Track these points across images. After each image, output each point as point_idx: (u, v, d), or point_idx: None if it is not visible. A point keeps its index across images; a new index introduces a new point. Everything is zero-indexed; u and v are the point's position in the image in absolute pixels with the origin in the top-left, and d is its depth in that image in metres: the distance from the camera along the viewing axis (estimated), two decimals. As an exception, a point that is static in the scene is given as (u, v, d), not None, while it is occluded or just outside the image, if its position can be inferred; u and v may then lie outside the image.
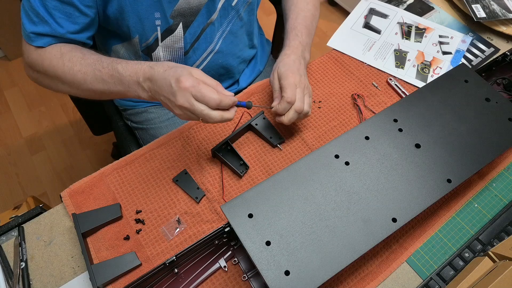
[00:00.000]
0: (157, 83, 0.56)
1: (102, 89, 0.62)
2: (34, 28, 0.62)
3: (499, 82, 0.82)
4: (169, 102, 0.56)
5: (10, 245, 0.60)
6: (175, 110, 0.56)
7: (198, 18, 0.72)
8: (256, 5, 0.83)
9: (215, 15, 0.74)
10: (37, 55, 0.64)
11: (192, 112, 0.55)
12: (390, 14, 0.93)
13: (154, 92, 0.58)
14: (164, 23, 0.69)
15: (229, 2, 0.74)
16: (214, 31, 0.77)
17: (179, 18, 0.70)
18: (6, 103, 1.72)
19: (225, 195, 0.65)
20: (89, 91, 0.64)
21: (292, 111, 0.64)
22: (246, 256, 0.59)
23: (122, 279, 0.57)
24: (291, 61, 0.69)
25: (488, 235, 0.62)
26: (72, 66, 0.62)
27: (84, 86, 0.62)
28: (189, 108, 0.54)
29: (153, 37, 0.71)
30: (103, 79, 0.61)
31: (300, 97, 0.64)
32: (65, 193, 0.64)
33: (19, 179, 1.52)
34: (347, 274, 0.59)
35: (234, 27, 0.79)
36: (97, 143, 1.62)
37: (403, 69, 0.83)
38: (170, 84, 0.54)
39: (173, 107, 0.56)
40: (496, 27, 0.89)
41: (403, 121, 0.62)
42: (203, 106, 0.54)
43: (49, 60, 0.63)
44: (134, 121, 0.90)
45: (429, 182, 0.56)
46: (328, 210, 0.53)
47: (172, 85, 0.54)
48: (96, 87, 0.62)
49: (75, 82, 0.62)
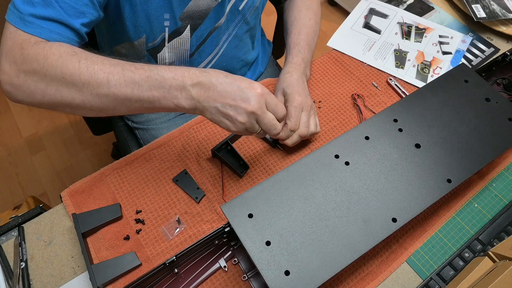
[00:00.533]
0: (216, 88, 0.51)
1: (129, 95, 0.51)
2: (33, 10, 0.49)
3: (499, 82, 0.82)
4: (233, 109, 0.51)
5: (10, 245, 0.60)
6: (240, 118, 0.52)
7: (206, 22, 0.71)
8: (261, 10, 0.83)
9: (223, 19, 0.74)
10: (38, 49, 0.49)
11: (259, 121, 0.53)
12: (390, 14, 0.93)
13: (206, 99, 0.51)
14: (173, 24, 0.68)
15: (236, 6, 0.74)
16: (220, 35, 0.77)
17: (187, 21, 0.69)
18: (6, 103, 1.72)
19: (225, 195, 0.65)
20: (108, 97, 0.51)
21: (296, 136, 0.65)
22: (246, 256, 0.59)
23: (122, 279, 0.57)
24: (294, 80, 0.69)
25: (488, 235, 0.62)
26: (90, 65, 0.50)
27: (103, 89, 0.50)
28: (260, 115, 0.52)
29: (160, 37, 0.70)
30: (135, 81, 0.50)
31: (305, 121, 0.65)
32: (65, 193, 0.64)
33: (19, 179, 1.52)
34: (347, 274, 0.59)
35: (239, 31, 0.80)
36: (97, 143, 1.62)
37: (403, 69, 0.83)
38: (241, 89, 0.51)
39: (238, 115, 0.51)
40: (496, 27, 0.89)
41: (403, 121, 0.62)
42: (271, 115, 0.53)
43: (57, 57, 0.49)
44: (135, 121, 0.90)
45: (429, 182, 0.56)
46: (328, 210, 0.53)
47: (245, 90, 0.51)
48: (122, 91, 0.50)
49: (93, 83, 0.50)
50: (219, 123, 0.54)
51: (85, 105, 0.51)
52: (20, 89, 0.50)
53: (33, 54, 0.49)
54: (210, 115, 0.53)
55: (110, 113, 0.54)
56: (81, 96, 0.50)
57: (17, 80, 0.50)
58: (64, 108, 0.52)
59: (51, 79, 0.50)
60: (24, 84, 0.50)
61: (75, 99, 0.51)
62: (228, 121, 0.53)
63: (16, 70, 0.49)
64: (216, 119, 0.53)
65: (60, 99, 0.51)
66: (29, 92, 0.50)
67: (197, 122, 0.74)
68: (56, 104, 0.52)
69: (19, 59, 0.49)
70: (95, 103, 0.51)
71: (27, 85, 0.50)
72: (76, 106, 0.51)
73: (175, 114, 0.87)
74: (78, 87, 0.50)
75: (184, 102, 0.52)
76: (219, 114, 0.52)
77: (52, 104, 0.52)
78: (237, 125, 0.53)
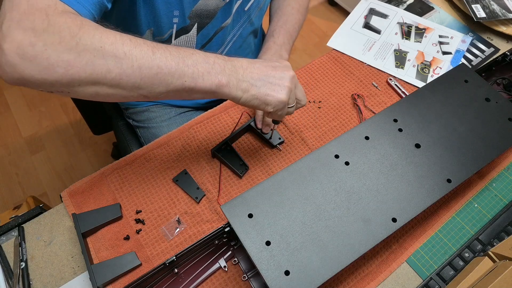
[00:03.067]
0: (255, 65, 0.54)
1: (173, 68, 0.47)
2: None
3: (499, 82, 0.82)
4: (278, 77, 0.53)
5: (10, 245, 0.60)
6: (287, 83, 0.53)
7: (213, 21, 0.72)
8: (264, 10, 0.84)
9: (229, 20, 0.74)
10: (68, 18, 0.42)
11: (297, 87, 0.57)
12: (390, 14, 0.93)
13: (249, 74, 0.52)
14: (181, 22, 0.68)
15: (243, 6, 0.75)
16: (226, 35, 0.77)
17: (195, 19, 0.69)
18: (6, 103, 1.72)
19: (223, 197, 0.65)
20: (150, 70, 0.46)
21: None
22: (246, 256, 0.59)
23: (122, 279, 0.57)
24: None
25: (488, 235, 0.62)
26: (133, 38, 0.46)
27: (147, 61, 0.45)
28: (297, 80, 0.56)
29: (168, 34, 0.70)
30: (180, 55, 0.48)
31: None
32: (65, 193, 0.64)
33: (19, 179, 1.52)
34: (347, 274, 0.59)
35: (244, 31, 0.80)
36: (97, 143, 1.62)
37: (403, 69, 0.83)
38: (273, 62, 0.55)
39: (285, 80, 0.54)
40: (496, 27, 0.89)
41: (403, 121, 0.62)
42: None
43: (94, 26, 0.44)
44: (135, 119, 0.90)
45: (429, 182, 0.56)
46: (328, 210, 0.53)
47: (276, 63, 0.55)
48: (167, 64, 0.46)
49: (136, 54, 0.45)
50: (265, 98, 0.52)
51: (120, 80, 0.44)
52: (34, 61, 0.40)
53: (63, 22, 0.42)
54: (255, 90, 0.51)
55: (143, 93, 0.47)
56: (119, 68, 0.44)
57: (32, 49, 0.40)
58: (87, 86, 0.44)
59: (84, 48, 0.42)
60: (41, 54, 0.40)
61: (111, 72, 0.44)
62: (275, 92, 0.52)
63: (33, 38, 0.40)
64: (263, 92, 0.52)
65: (90, 72, 0.43)
66: (47, 65, 0.41)
67: (197, 122, 0.74)
68: (80, 81, 0.43)
69: (41, 26, 0.40)
70: (133, 77, 0.45)
71: (46, 56, 0.41)
72: (109, 81, 0.44)
73: (176, 112, 0.87)
74: (118, 57, 0.44)
75: (227, 79, 0.50)
76: (266, 86, 0.52)
77: (73, 81, 0.43)
78: (285, 92, 0.53)
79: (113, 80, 0.44)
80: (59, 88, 0.44)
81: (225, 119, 0.75)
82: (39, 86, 0.43)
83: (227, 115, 0.75)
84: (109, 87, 0.45)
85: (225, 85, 0.50)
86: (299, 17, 0.83)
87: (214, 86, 0.49)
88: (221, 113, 0.76)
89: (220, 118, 0.75)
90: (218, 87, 0.50)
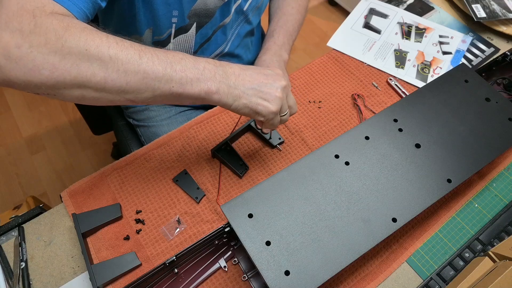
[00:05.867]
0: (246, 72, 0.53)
1: (160, 73, 0.46)
2: None
3: (499, 82, 0.82)
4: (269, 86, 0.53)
5: (10, 245, 0.60)
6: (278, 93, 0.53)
7: (212, 20, 0.72)
8: (263, 10, 0.84)
9: (228, 19, 0.74)
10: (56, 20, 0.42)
11: (288, 96, 0.56)
12: (390, 14, 0.93)
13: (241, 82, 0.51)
14: (180, 21, 0.68)
15: (241, 6, 0.75)
16: (224, 35, 0.77)
17: (194, 19, 0.69)
18: (6, 103, 1.72)
19: (223, 197, 0.65)
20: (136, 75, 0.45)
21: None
22: (246, 256, 0.59)
23: (122, 279, 0.57)
24: (262, 62, 0.71)
25: (488, 235, 0.62)
26: (120, 41, 0.45)
27: (133, 66, 0.44)
28: (289, 89, 0.56)
29: (167, 33, 0.70)
30: (168, 60, 0.47)
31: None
32: (65, 193, 0.64)
33: (19, 179, 1.52)
34: (347, 274, 0.59)
35: (242, 31, 0.80)
36: (97, 143, 1.62)
37: (403, 69, 0.83)
38: (266, 70, 0.54)
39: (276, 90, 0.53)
40: (496, 27, 0.89)
41: (403, 121, 0.62)
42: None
43: (80, 28, 0.43)
44: (136, 118, 0.90)
45: (429, 182, 0.56)
46: (328, 210, 0.53)
47: (269, 71, 0.54)
48: (153, 69, 0.45)
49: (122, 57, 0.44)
50: (255, 107, 0.52)
51: (105, 84, 0.44)
52: (20, 62, 0.40)
53: (49, 23, 0.41)
54: (246, 99, 0.51)
55: (130, 97, 0.46)
56: (104, 72, 0.43)
57: (18, 51, 0.40)
58: (73, 89, 0.43)
59: (69, 51, 0.41)
60: (26, 56, 0.40)
61: (96, 76, 0.43)
62: (266, 102, 0.52)
63: (19, 39, 0.40)
64: (254, 101, 0.51)
65: (75, 75, 0.42)
66: (32, 67, 0.40)
67: (197, 122, 0.74)
68: (65, 84, 0.42)
69: (28, 27, 0.40)
70: (119, 82, 0.44)
71: (31, 57, 0.40)
72: (94, 85, 0.43)
73: (176, 111, 0.87)
74: (103, 61, 0.43)
75: (217, 86, 0.49)
76: (257, 96, 0.51)
77: (58, 84, 0.42)
78: (276, 103, 0.52)
79: (98, 84, 0.44)
80: (44, 90, 0.43)
81: (225, 119, 0.75)
82: (25, 88, 0.42)
83: (227, 115, 0.75)
84: (95, 91, 0.44)
85: (214, 92, 0.49)
86: (298, 17, 0.84)
87: (203, 93, 0.49)
88: (221, 113, 0.76)
89: (220, 118, 0.75)
90: (207, 93, 0.49)
